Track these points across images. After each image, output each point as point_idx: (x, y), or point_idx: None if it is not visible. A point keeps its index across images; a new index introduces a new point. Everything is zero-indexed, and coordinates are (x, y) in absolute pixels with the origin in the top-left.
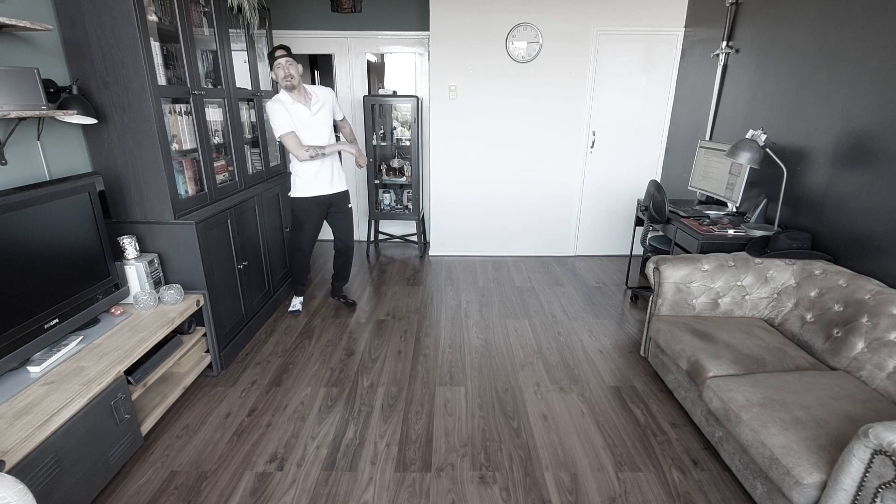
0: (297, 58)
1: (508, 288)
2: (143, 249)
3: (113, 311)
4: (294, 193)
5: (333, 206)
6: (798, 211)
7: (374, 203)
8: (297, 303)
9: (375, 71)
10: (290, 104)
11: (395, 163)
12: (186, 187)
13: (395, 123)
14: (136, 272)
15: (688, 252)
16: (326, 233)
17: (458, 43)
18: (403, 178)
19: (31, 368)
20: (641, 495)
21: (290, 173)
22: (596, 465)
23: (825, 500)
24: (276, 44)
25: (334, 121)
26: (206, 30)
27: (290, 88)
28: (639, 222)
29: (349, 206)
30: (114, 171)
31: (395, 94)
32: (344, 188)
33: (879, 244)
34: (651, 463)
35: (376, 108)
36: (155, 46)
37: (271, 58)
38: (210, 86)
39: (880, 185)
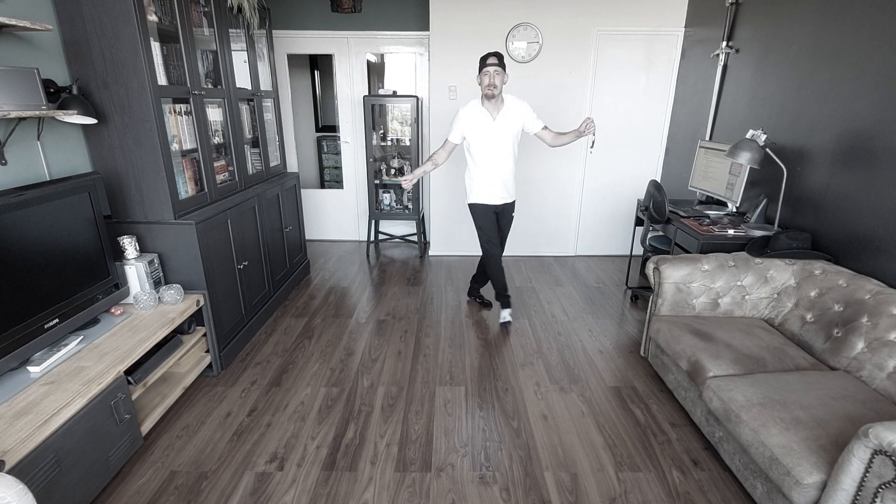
0: (296, 58)
1: (508, 288)
2: (143, 249)
3: (113, 311)
4: (468, 199)
5: (502, 214)
6: (798, 211)
7: (374, 203)
8: (506, 314)
9: (375, 71)
10: (475, 113)
11: (395, 163)
12: (186, 187)
13: (394, 123)
14: (136, 272)
15: (688, 252)
16: (325, 231)
17: (458, 43)
18: None
19: (31, 368)
20: (641, 495)
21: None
22: (596, 465)
23: (825, 500)
24: (275, 44)
25: (537, 132)
26: (206, 30)
27: (490, 97)
28: (639, 222)
29: (512, 214)
30: (114, 171)
31: (395, 94)
32: (512, 199)
33: (879, 244)
34: (651, 463)
35: (376, 108)
36: (155, 46)
37: (482, 63)
38: (210, 86)
39: (880, 185)
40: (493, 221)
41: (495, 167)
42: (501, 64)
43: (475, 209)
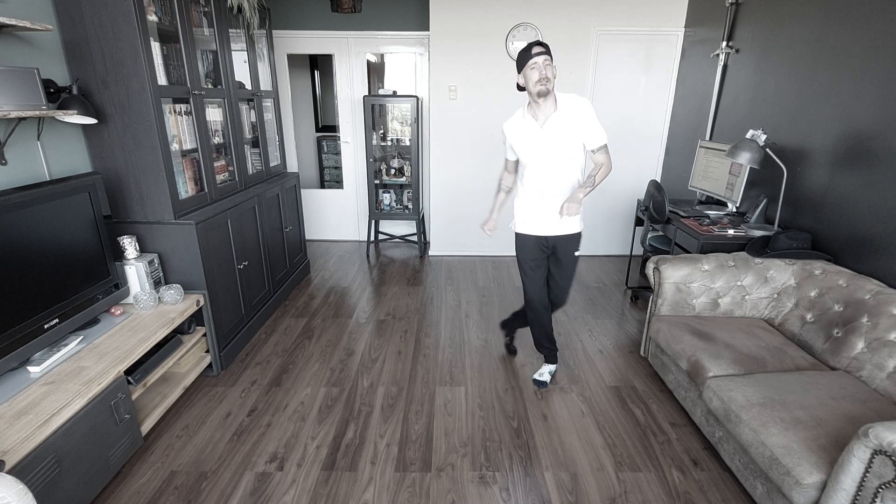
0: (296, 58)
1: (508, 288)
2: (143, 249)
3: (113, 311)
4: (513, 226)
5: (555, 250)
6: (798, 211)
7: (374, 203)
8: (545, 372)
9: (375, 71)
10: (518, 124)
11: (395, 163)
12: (186, 187)
13: (394, 123)
14: (136, 272)
15: (688, 252)
16: (325, 231)
17: (458, 43)
18: (403, 178)
19: (31, 368)
20: (641, 495)
21: None
22: (596, 465)
23: (825, 500)
24: (275, 44)
25: (594, 147)
26: (206, 30)
27: (544, 94)
28: (639, 222)
29: (575, 252)
30: (114, 171)
31: (395, 94)
32: (572, 231)
33: (879, 244)
34: (651, 463)
35: (376, 108)
36: (155, 46)
37: (525, 55)
38: (210, 86)
39: (880, 185)
40: (536, 259)
41: (543, 188)
42: (549, 52)
43: (517, 240)
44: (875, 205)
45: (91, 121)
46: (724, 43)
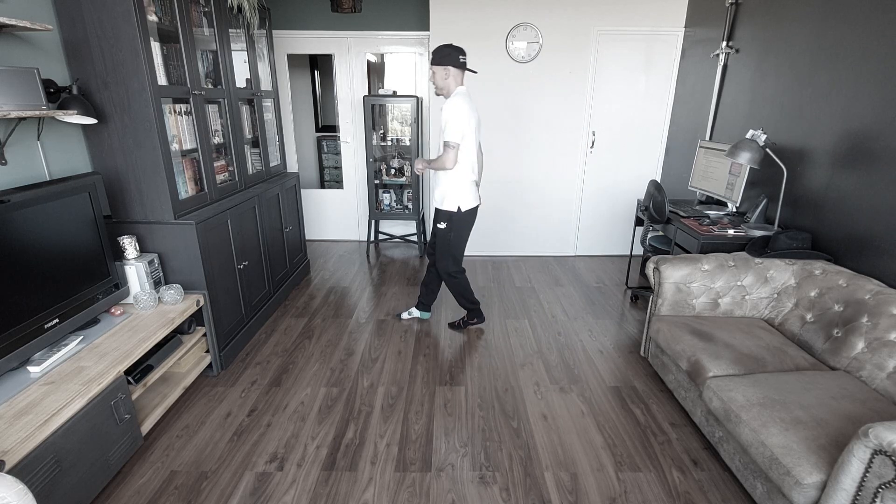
0: (296, 58)
1: (508, 288)
2: (143, 249)
3: (113, 311)
4: None
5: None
6: (798, 211)
7: (374, 203)
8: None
9: (375, 71)
10: None
11: (395, 163)
12: (186, 187)
13: (394, 123)
14: (136, 272)
15: (688, 252)
16: (325, 231)
17: (458, 43)
18: (403, 178)
19: (31, 368)
20: (641, 495)
21: None
22: (596, 464)
23: (825, 500)
24: (275, 44)
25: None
26: (206, 30)
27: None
28: (639, 222)
29: (436, 224)
30: (114, 171)
31: (395, 94)
32: (436, 205)
33: (879, 244)
34: (651, 463)
35: (376, 108)
36: (155, 46)
37: None
38: (210, 86)
39: (880, 185)
40: None
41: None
42: (434, 61)
43: None
44: (875, 205)
45: (91, 121)
46: (724, 43)
